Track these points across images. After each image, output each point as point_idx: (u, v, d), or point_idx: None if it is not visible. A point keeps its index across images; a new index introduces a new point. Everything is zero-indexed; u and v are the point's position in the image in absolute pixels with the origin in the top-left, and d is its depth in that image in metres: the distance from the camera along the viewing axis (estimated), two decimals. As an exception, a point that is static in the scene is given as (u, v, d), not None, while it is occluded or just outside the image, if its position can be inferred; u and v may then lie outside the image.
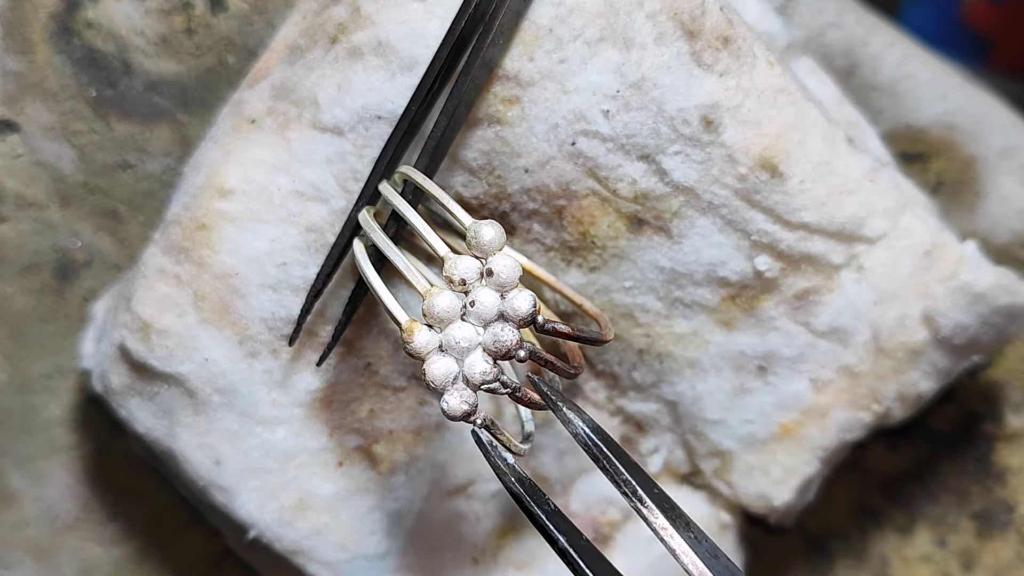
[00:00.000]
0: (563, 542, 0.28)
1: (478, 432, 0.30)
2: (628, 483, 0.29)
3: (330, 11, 0.37)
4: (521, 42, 0.35)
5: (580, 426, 0.29)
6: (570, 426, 0.29)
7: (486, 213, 0.37)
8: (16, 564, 0.41)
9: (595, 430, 0.29)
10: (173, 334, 0.36)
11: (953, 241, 0.37)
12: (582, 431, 0.29)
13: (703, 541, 0.28)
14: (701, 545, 0.28)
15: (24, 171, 0.40)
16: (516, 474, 0.29)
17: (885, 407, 0.38)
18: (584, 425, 0.29)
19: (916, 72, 0.43)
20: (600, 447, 0.29)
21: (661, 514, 0.28)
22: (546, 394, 0.30)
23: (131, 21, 0.40)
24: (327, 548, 0.37)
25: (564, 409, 0.29)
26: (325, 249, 0.35)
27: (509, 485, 0.29)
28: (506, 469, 0.29)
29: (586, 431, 0.29)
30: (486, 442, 0.30)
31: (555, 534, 0.28)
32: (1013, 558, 0.42)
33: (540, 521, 0.29)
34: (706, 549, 0.28)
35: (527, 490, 0.29)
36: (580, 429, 0.29)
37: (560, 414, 0.29)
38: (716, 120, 0.35)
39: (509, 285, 0.29)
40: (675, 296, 0.37)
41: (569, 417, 0.29)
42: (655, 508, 0.28)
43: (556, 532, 0.28)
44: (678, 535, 0.28)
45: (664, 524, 0.28)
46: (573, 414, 0.29)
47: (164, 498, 0.41)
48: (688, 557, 0.28)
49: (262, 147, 0.36)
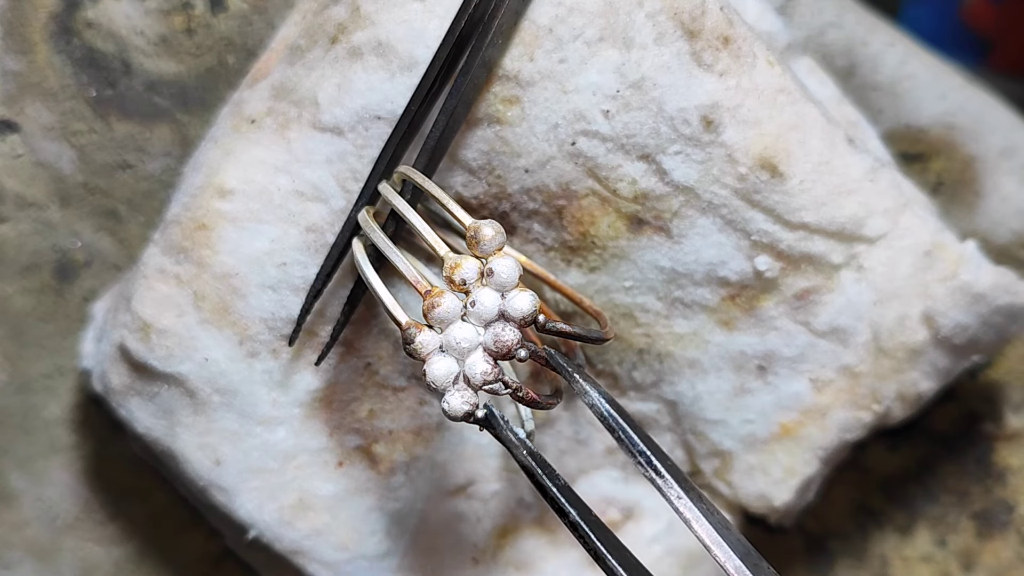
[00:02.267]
0: (574, 515, 0.28)
1: (489, 407, 0.30)
2: (643, 454, 0.29)
3: (330, 11, 0.37)
4: (521, 42, 0.35)
5: (596, 398, 0.29)
6: (586, 397, 0.29)
7: (486, 213, 0.37)
8: (16, 564, 0.41)
9: (611, 402, 0.29)
10: (173, 334, 0.36)
11: (953, 241, 0.37)
12: (599, 402, 0.29)
13: (715, 513, 0.28)
14: (714, 516, 0.28)
15: (24, 171, 0.40)
16: (527, 447, 0.29)
17: (885, 407, 0.38)
18: (600, 397, 0.29)
19: (916, 72, 0.43)
20: (616, 419, 0.29)
21: (676, 484, 0.28)
22: (562, 365, 0.30)
23: (131, 21, 0.40)
24: (327, 548, 0.37)
25: (580, 381, 0.30)
26: (325, 249, 0.35)
27: (520, 459, 0.29)
28: (518, 443, 0.29)
29: (602, 403, 0.29)
30: (497, 416, 0.30)
31: (566, 507, 0.29)
32: (1013, 558, 0.42)
33: (551, 494, 0.29)
34: (718, 520, 0.28)
35: (538, 464, 0.29)
36: (596, 400, 0.29)
37: (577, 385, 0.30)
38: (716, 120, 0.35)
39: (509, 285, 0.30)
40: (675, 296, 0.37)
41: (586, 388, 0.29)
42: (670, 479, 0.28)
43: (567, 505, 0.28)
44: (692, 505, 0.28)
45: (679, 494, 0.28)
46: (589, 386, 0.29)
47: (164, 498, 0.41)
48: (701, 526, 0.28)
49: (262, 147, 0.36)
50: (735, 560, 0.28)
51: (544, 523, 0.39)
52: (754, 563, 0.28)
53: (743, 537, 0.28)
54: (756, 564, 0.28)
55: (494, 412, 0.30)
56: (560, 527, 0.39)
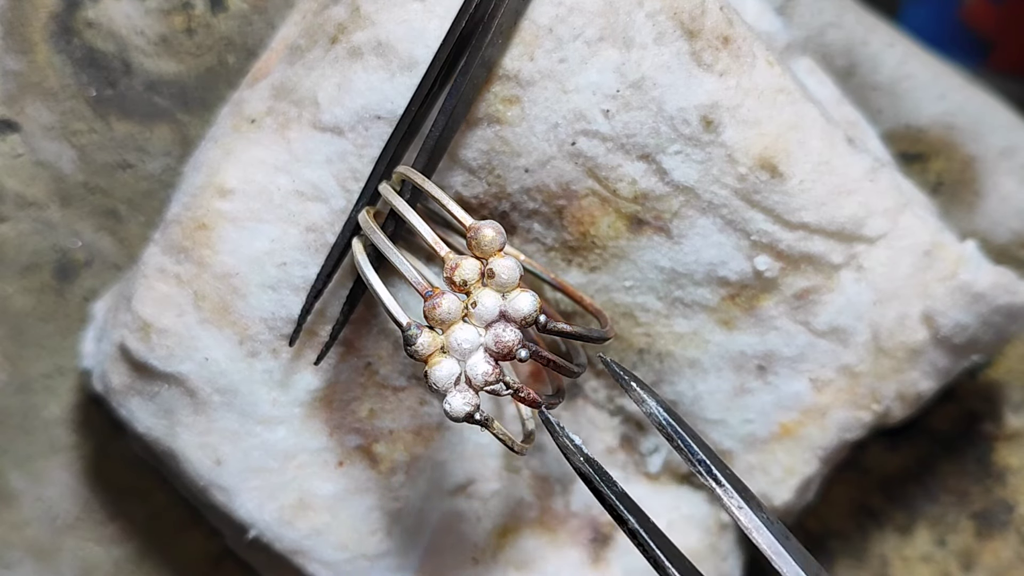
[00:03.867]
0: (633, 522, 0.28)
1: (545, 413, 0.30)
2: (703, 463, 0.29)
3: (330, 11, 0.37)
4: (521, 42, 0.35)
5: (654, 407, 0.29)
6: (644, 406, 0.29)
7: (486, 213, 0.37)
8: (16, 564, 0.41)
9: (668, 411, 0.29)
10: (173, 334, 0.36)
11: (953, 241, 0.37)
12: (656, 411, 0.29)
13: (775, 522, 0.28)
14: (774, 525, 0.28)
15: (24, 171, 0.40)
16: (583, 454, 0.29)
17: (885, 407, 0.38)
18: (658, 406, 0.29)
19: (916, 72, 0.43)
20: (675, 427, 0.29)
21: (736, 493, 0.28)
22: (619, 374, 0.30)
23: (131, 21, 0.40)
24: (327, 548, 0.37)
25: (638, 389, 0.29)
26: (325, 249, 0.35)
27: (578, 465, 0.29)
28: (574, 449, 0.29)
29: (660, 411, 0.29)
30: (554, 422, 0.30)
31: (625, 514, 0.28)
32: (1013, 558, 0.42)
33: (610, 501, 0.29)
34: (779, 529, 0.28)
35: (596, 471, 0.29)
36: (655, 409, 0.29)
37: (633, 393, 0.29)
38: (716, 120, 0.35)
39: (510, 286, 0.29)
40: (675, 296, 0.37)
41: (643, 397, 0.29)
42: (730, 488, 0.28)
43: (626, 512, 0.28)
44: (753, 514, 0.28)
45: (740, 503, 0.28)
46: (647, 394, 0.29)
47: (164, 498, 0.41)
48: (762, 535, 0.28)
49: (262, 147, 0.36)
50: (796, 569, 0.28)
51: (544, 523, 0.39)
52: (815, 573, 0.27)
53: (803, 547, 0.28)
54: (817, 574, 0.28)
55: (550, 418, 0.30)
56: (560, 526, 0.39)
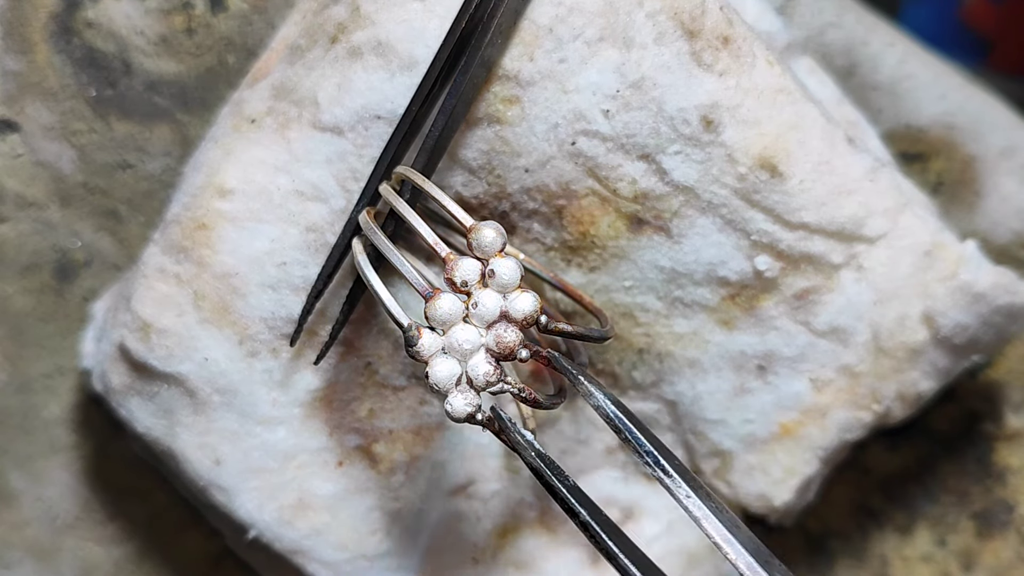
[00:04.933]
0: (584, 515, 0.28)
1: (495, 409, 0.30)
2: (650, 454, 0.29)
3: (330, 11, 0.37)
4: (521, 42, 0.35)
5: (602, 399, 0.29)
6: (591, 399, 0.29)
7: (486, 212, 0.37)
8: (16, 564, 0.41)
9: (616, 403, 0.29)
10: (173, 334, 0.36)
11: (953, 241, 0.37)
12: (604, 404, 0.29)
13: (724, 511, 0.28)
14: (724, 514, 0.28)
15: (24, 171, 0.40)
16: (535, 449, 0.29)
17: (885, 407, 0.38)
18: (605, 398, 0.29)
19: (916, 72, 0.43)
20: (622, 419, 0.29)
21: (684, 483, 0.28)
22: (566, 367, 0.30)
23: (131, 21, 0.40)
24: (327, 548, 0.37)
25: (585, 382, 0.30)
26: (325, 249, 0.35)
27: (529, 460, 0.29)
28: (525, 444, 0.29)
29: (607, 404, 0.29)
30: (504, 418, 0.30)
31: (576, 507, 0.28)
32: (1013, 558, 0.42)
33: (561, 495, 0.29)
34: (728, 518, 0.28)
35: (547, 465, 0.29)
36: (602, 402, 0.29)
37: (581, 387, 0.30)
38: (716, 120, 0.35)
39: (511, 286, 0.29)
40: (675, 296, 0.37)
41: (591, 390, 0.29)
42: (677, 477, 0.28)
43: (578, 505, 0.28)
44: (701, 503, 0.28)
45: (688, 492, 0.28)
46: (594, 387, 0.29)
47: (164, 498, 0.41)
48: (711, 523, 0.28)
49: (262, 147, 0.36)
50: (747, 557, 0.27)
51: (544, 522, 0.39)
52: (765, 560, 0.27)
53: (753, 535, 0.28)
54: (768, 561, 0.27)
55: (500, 414, 0.30)
56: (560, 526, 0.39)
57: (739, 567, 0.27)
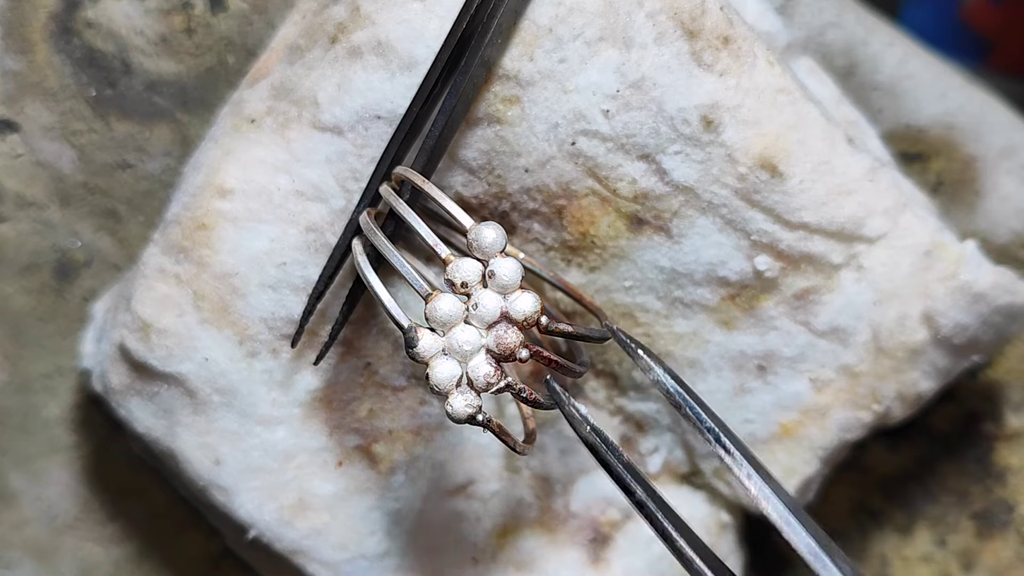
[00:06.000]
0: (640, 493, 0.28)
1: (551, 383, 0.29)
2: (711, 430, 0.29)
3: (330, 11, 0.37)
4: (521, 42, 0.35)
5: (661, 374, 0.29)
6: (651, 373, 0.29)
7: (486, 212, 0.37)
8: (16, 564, 0.41)
9: (676, 378, 0.29)
10: (173, 334, 0.36)
11: (953, 241, 0.37)
12: (664, 379, 0.29)
13: (784, 493, 0.28)
14: (785, 495, 0.28)
15: (24, 171, 0.40)
16: (590, 424, 0.29)
17: (885, 407, 0.38)
18: (665, 373, 0.29)
19: (916, 72, 0.43)
20: (683, 395, 0.29)
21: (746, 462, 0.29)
22: (626, 342, 0.30)
23: (131, 21, 0.40)
24: (327, 548, 0.37)
25: (645, 357, 0.30)
26: (324, 249, 0.35)
27: (584, 435, 0.29)
28: (581, 419, 0.29)
29: (667, 379, 0.29)
30: (559, 390, 0.29)
31: (632, 485, 0.28)
32: (1013, 558, 0.42)
33: (616, 472, 0.28)
34: (789, 499, 0.28)
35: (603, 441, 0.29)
36: (662, 376, 0.29)
37: (641, 361, 0.30)
38: (716, 120, 0.35)
39: (511, 287, 0.29)
40: (675, 296, 0.37)
41: (650, 364, 0.29)
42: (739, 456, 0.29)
43: (633, 483, 0.28)
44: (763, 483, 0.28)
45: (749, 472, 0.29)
46: (654, 362, 0.29)
47: (164, 498, 0.41)
48: (772, 504, 0.28)
49: (262, 147, 0.36)
50: (806, 539, 0.27)
51: (544, 523, 0.39)
52: (825, 544, 0.27)
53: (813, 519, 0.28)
54: (827, 545, 0.27)
55: (556, 387, 0.29)
56: (561, 526, 0.39)
57: (799, 549, 0.27)
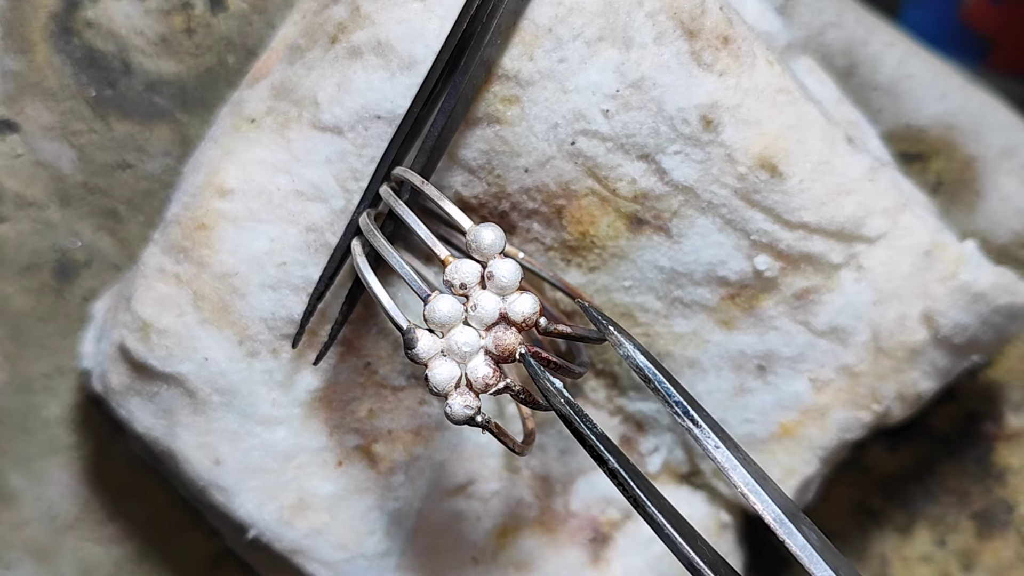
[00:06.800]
0: (613, 462, 0.28)
1: (527, 357, 0.29)
2: (679, 404, 0.29)
3: (330, 11, 0.37)
4: (520, 42, 0.35)
5: (631, 349, 0.29)
6: (621, 349, 0.29)
7: (485, 212, 0.37)
8: (16, 564, 0.41)
9: (646, 354, 0.29)
10: (173, 334, 0.36)
11: (953, 241, 0.37)
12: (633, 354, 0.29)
13: (752, 463, 0.28)
14: (751, 466, 0.28)
15: (24, 171, 0.40)
16: (564, 396, 0.29)
17: (885, 407, 0.38)
18: (635, 348, 0.29)
19: (916, 72, 0.43)
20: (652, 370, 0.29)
21: (713, 434, 0.28)
22: (596, 317, 0.30)
23: (131, 21, 0.40)
24: (327, 548, 0.37)
25: (615, 332, 0.29)
26: (324, 249, 0.35)
27: (558, 407, 0.29)
28: (555, 391, 0.29)
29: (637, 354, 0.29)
30: (534, 365, 0.29)
31: (605, 454, 0.28)
32: (1013, 558, 0.42)
33: (590, 442, 0.28)
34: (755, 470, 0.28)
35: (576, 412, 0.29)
36: (631, 351, 0.29)
37: (612, 337, 0.29)
38: (716, 120, 0.35)
39: (510, 288, 0.29)
40: (675, 296, 0.37)
41: (620, 340, 0.29)
42: (707, 428, 0.28)
43: (606, 452, 0.28)
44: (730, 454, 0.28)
45: (716, 443, 0.28)
46: (624, 338, 0.29)
47: (164, 498, 0.41)
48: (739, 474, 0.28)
49: (262, 147, 0.36)
50: (773, 508, 0.27)
51: (544, 522, 0.39)
52: (792, 512, 0.27)
53: (780, 488, 0.28)
54: (794, 514, 0.27)
55: (532, 362, 0.29)
56: (560, 526, 0.39)
57: (766, 518, 0.27)
